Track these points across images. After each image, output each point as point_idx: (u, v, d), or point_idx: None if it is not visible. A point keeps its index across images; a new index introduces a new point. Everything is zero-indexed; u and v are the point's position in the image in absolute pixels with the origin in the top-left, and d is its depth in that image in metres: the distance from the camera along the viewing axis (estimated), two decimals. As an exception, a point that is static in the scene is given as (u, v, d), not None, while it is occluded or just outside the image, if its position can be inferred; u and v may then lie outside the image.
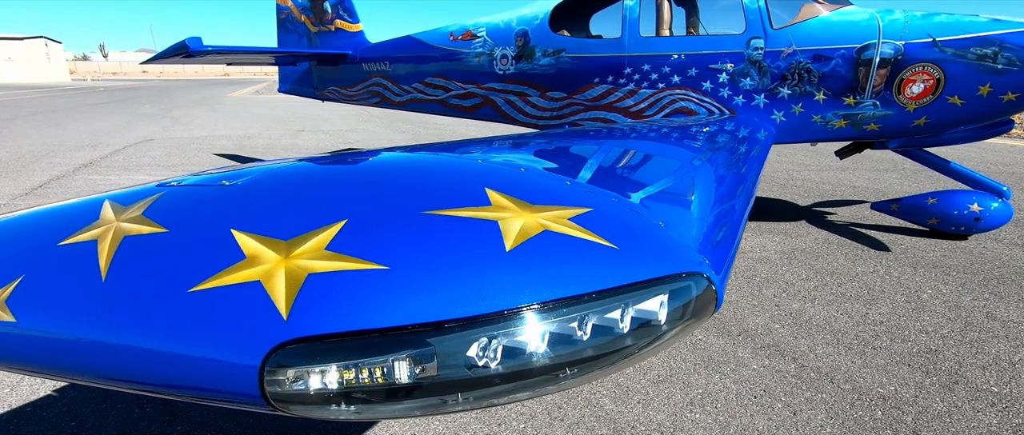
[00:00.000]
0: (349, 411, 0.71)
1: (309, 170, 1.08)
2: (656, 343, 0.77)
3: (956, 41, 3.61)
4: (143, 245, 0.82)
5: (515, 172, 1.11)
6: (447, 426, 2.19)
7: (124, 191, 1.02)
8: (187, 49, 4.72)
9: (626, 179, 1.31)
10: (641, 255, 0.80)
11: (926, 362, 2.65)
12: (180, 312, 0.72)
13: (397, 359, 0.69)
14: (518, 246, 0.76)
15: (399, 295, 0.70)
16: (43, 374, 0.80)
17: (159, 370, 0.72)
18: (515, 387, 0.72)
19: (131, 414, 2.28)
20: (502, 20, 5.07)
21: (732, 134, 2.80)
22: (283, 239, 0.78)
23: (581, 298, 0.72)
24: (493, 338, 0.69)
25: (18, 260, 0.85)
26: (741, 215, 1.17)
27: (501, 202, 0.86)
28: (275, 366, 0.68)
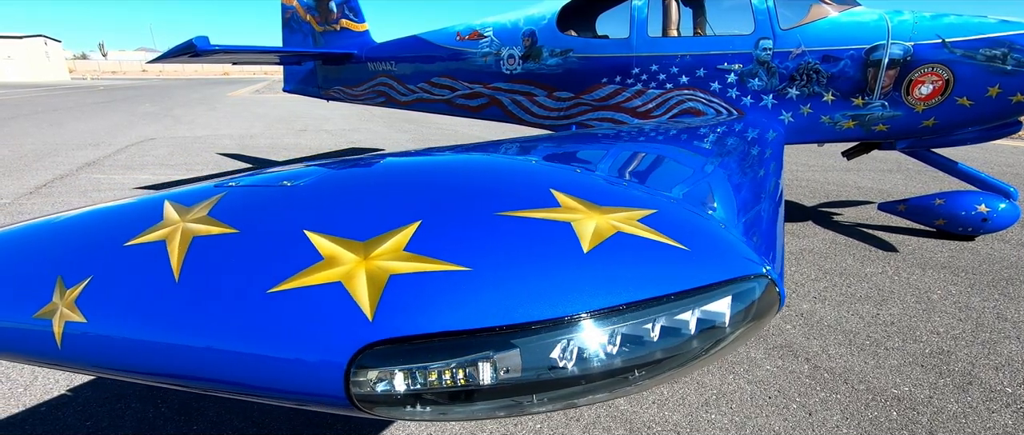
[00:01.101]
0: (426, 412, 0.71)
1: (371, 171, 1.08)
2: (721, 346, 0.77)
3: (965, 42, 3.62)
4: (214, 246, 0.82)
5: (575, 173, 1.11)
6: (464, 425, 2.19)
7: (181, 191, 1.02)
8: (194, 48, 4.72)
9: (674, 180, 1.31)
10: (710, 257, 0.80)
11: (939, 363, 2.65)
12: (259, 313, 0.72)
13: (482, 360, 0.69)
14: (595, 248, 0.76)
15: (483, 296, 0.70)
16: (114, 374, 0.79)
17: (237, 370, 0.72)
18: (588, 389, 0.72)
19: (146, 414, 2.28)
20: (509, 20, 5.06)
21: (752, 135, 2.81)
22: (359, 240, 0.78)
23: (660, 300, 0.72)
24: (573, 340, 0.69)
25: (84, 260, 0.84)
26: (779, 214, 1.17)
27: (569, 203, 0.86)
28: (361, 367, 0.68)
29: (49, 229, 0.96)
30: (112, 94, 27.00)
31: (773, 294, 0.82)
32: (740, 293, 0.77)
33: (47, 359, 0.81)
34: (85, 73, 69.21)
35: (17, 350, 0.82)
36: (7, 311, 0.83)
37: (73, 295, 0.79)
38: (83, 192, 6.24)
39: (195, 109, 18.18)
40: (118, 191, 6.32)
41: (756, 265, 0.82)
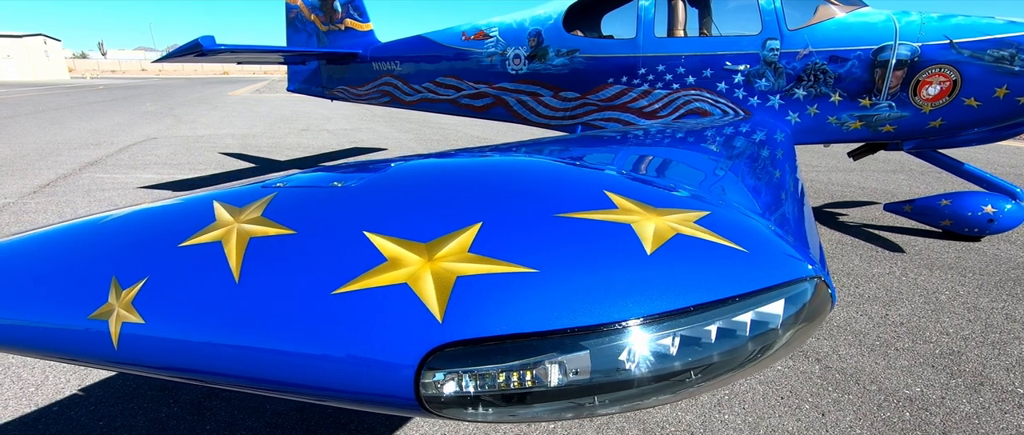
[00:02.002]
0: (490, 413, 0.71)
1: (422, 172, 1.08)
2: (774, 349, 0.77)
3: (973, 43, 3.62)
4: (272, 246, 0.81)
5: (624, 174, 1.10)
6: (476, 426, 2.19)
7: (229, 191, 1.01)
8: (200, 48, 4.71)
9: (715, 181, 1.30)
10: (767, 259, 0.80)
11: (950, 363, 2.65)
12: (325, 314, 0.72)
13: (551, 362, 0.68)
14: (658, 249, 0.76)
15: (551, 298, 0.70)
16: (170, 375, 0.79)
17: (301, 372, 0.71)
18: (650, 391, 0.72)
19: (159, 414, 2.28)
20: (515, 20, 5.06)
21: (766, 136, 2.81)
22: (422, 242, 0.78)
23: (724, 303, 0.72)
24: (640, 342, 0.69)
25: (139, 261, 0.84)
26: (809, 213, 1.17)
27: (626, 205, 0.86)
28: (431, 369, 0.68)
29: (97, 229, 0.96)
30: (112, 93, 26.97)
31: (825, 295, 0.82)
32: (793, 296, 0.77)
33: (102, 360, 0.80)
34: (85, 72, 69.16)
35: (72, 352, 0.82)
36: (61, 312, 0.82)
37: (129, 296, 0.79)
38: (87, 192, 6.24)
39: (196, 109, 18.16)
40: (122, 191, 6.31)
41: (808, 267, 0.81)
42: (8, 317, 0.85)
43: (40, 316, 0.83)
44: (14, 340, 0.84)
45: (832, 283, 0.84)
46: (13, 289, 0.88)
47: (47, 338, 0.82)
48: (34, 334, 0.83)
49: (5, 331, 0.84)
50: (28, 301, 0.85)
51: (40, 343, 0.83)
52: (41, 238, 0.98)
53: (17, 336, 0.84)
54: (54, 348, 0.82)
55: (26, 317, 0.84)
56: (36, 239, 0.98)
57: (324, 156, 9.23)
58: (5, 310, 0.85)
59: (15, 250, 0.97)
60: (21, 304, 0.86)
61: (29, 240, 0.98)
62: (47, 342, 0.82)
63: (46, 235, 0.98)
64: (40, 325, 0.83)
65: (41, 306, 0.84)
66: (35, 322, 0.83)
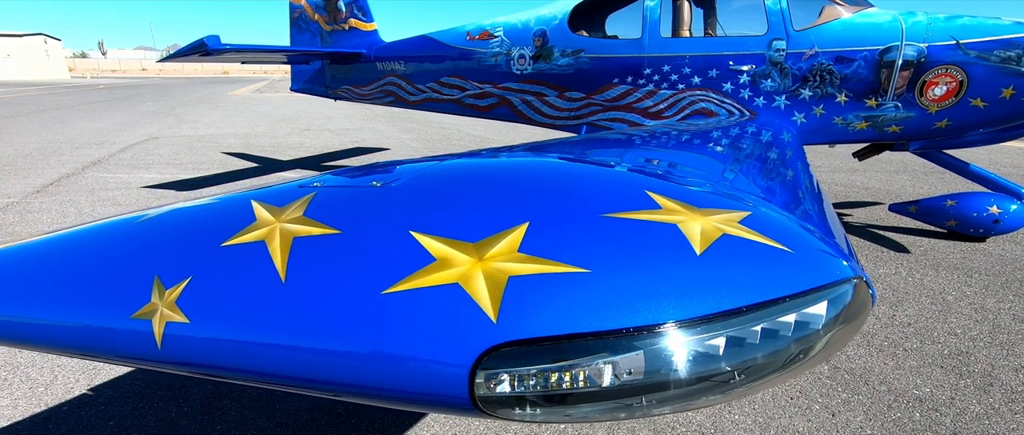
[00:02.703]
0: (541, 414, 0.70)
1: (462, 171, 1.08)
2: (817, 351, 0.76)
3: (979, 43, 3.62)
4: (318, 246, 0.81)
5: (663, 175, 1.10)
6: (489, 426, 2.19)
7: (266, 190, 1.01)
8: (206, 47, 4.71)
9: (748, 181, 1.30)
10: (812, 259, 0.80)
11: (958, 364, 2.65)
12: (375, 314, 0.72)
13: (605, 363, 0.68)
14: (707, 250, 0.76)
15: (605, 298, 0.70)
16: (213, 374, 0.79)
17: (351, 372, 0.71)
18: (699, 392, 0.72)
19: (169, 414, 2.27)
20: (520, 20, 5.06)
21: (778, 135, 2.81)
22: (470, 242, 0.78)
23: (774, 303, 0.72)
24: (693, 342, 0.69)
25: (181, 261, 0.84)
26: (833, 212, 1.17)
27: (669, 205, 0.86)
28: (486, 369, 0.68)
29: (135, 229, 0.95)
30: (113, 93, 26.96)
31: (866, 296, 0.82)
32: (836, 297, 0.77)
33: (144, 360, 0.80)
34: (85, 72, 69.13)
35: (114, 351, 0.82)
36: (103, 312, 0.82)
37: (173, 295, 0.79)
38: (90, 191, 6.24)
39: (197, 108, 18.16)
40: (125, 190, 6.31)
41: (849, 267, 0.81)
42: (48, 317, 0.85)
43: (81, 316, 0.83)
44: (54, 340, 0.84)
45: (872, 284, 0.84)
46: (52, 289, 0.88)
47: (88, 338, 0.82)
48: (75, 334, 0.83)
49: (44, 331, 0.84)
50: (68, 301, 0.85)
51: (81, 343, 0.82)
52: (76, 238, 0.97)
53: (56, 336, 0.84)
54: (95, 348, 0.82)
55: (66, 317, 0.84)
56: (71, 239, 0.97)
57: (327, 156, 9.23)
58: (44, 311, 0.85)
59: (50, 250, 0.96)
60: (60, 304, 0.85)
61: (62, 240, 0.98)
62: (88, 342, 0.82)
63: (81, 235, 0.98)
64: (81, 325, 0.83)
65: (82, 306, 0.84)
66: (76, 322, 0.83)
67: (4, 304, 0.87)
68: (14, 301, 0.87)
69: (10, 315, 0.86)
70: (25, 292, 0.89)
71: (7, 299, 0.88)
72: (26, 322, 0.85)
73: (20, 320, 0.86)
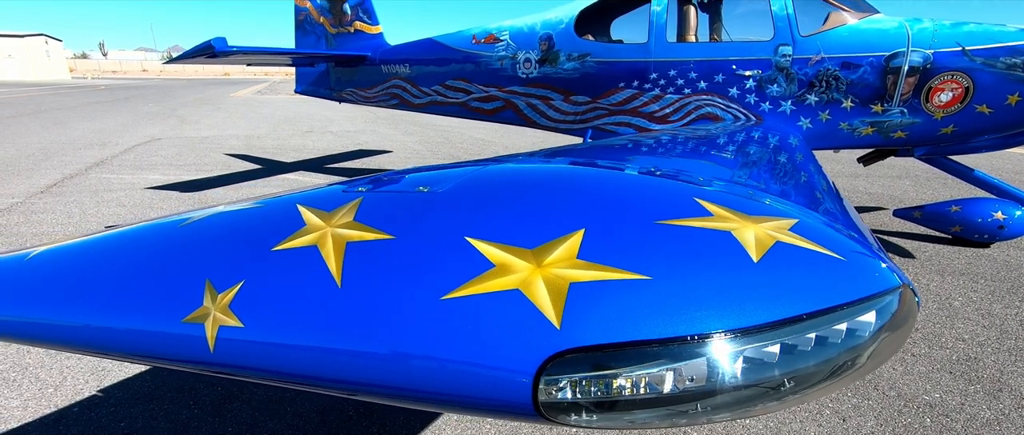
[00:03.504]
0: (597, 420, 0.70)
1: (511, 177, 1.08)
2: (870, 359, 0.77)
3: (985, 50, 3.64)
4: (372, 251, 0.81)
5: (709, 182, 1.11)
6: (501, 427, 2.19)
7: (309, 194, 1.01)
8: (212, 49, 4.72)
9: (785, 187, 1.31)
10: (862, 267, 0.80)
11: (967, 370, 2.66)
12: (435, 320, 0.72)
13: (668, 369, 0.69)
14: (763, 257, 0.76)
15: (667, 305, 0.70)
16: (265, 379, 0.78)
17: (411, 377, 0.71)
18: (752, 399, 0.72)
19: (180, 415, 2.27)
20: (525, 24, 5.08)
21: (790, 142, 2.83)
22: (528, 248, 0.78)
23: (829, 311, 0.73)
24: (752, 350, 0.70)
25: (232, 264, 0.84)
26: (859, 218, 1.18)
27: (720, 212, 0.86)
28: (550, 375, 0.68)
29: (179, 233, 0.95)
30: (114, 94, 26.97)
31: (912, 304, 0.82)
32: (884, 305, 0.78)
33: (196, 364, 0.80)
34: (85, 72, 69.15)
35: (164, 355, 0.82)
36: (154, 316, 0.82)
37: (226, 299, 0.79)
38: (94, 192, 6.23)
39: (199, 110, 18.17)
40: (129, 191, 6.31)
41: (896, 275, 0.82)
42: (94, 321, 0.85)
43: (130, 320, 0.83)
44: (101, 343, 0.84)
45: (917, 291, 0.85)
46: (99, 293, 0.88)
47: (138, 342, 0.82)
48: (124, 338, 0.82)
49: (90, 334, 0.84)
50: (116, 305, 0.85)
51: (130, 347, 0.82)
52: (120, 241, 0.97)
53: (103, 340, 0.84)
54: (145, 352, 0.82)
55: (114, 321, 0.84)
56: (115, 241, 0.97)
57: (329, 158, 9.24)
58: (91, 314, 0.85)
59: (94, 253, 0.96)
60: (108, 308, 0.85)
61: (106, 242, 0.98)
62: (138, 346, 0.82)
63: (125, 238, 0.98)
64: (130, 329, 0.83)
65: (131, 310, 0.84)
66: (124, 326, 0.83)
67: (49, 307, 0.87)
68: (59, 304, 0.87)
69: (56, 318, 0.86)
70: (70, 295, 0.89)
71: (52, 302, 0.88)
72: (72, 325, 0.85)
73: (66, 323, 0.86)
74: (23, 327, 0.88)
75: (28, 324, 0.87)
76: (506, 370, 0.68)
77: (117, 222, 5.05)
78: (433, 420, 2.25)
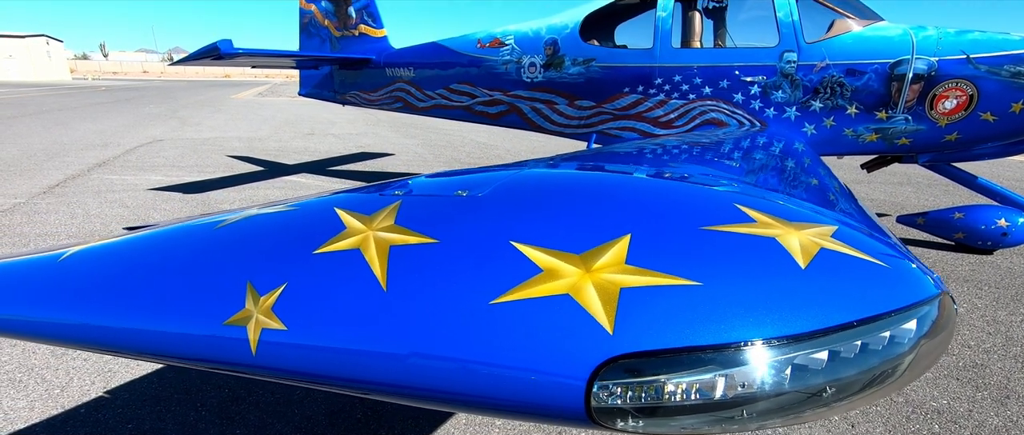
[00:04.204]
0: (639, 425, 0.70)
1: (550, 182, 1.08)
2: (913, 367, 0.76)
3: (990, 58, 3.66)
4: (417, 255, 0.81)
5: (747, 188, 1.11)
6: (512, 427, 2.18)
7: (347, 197, 1.01)
8: (218, 51, 4.73)
9: (819, 194, 1.31)
10: (904, 275, 0.80)
11: (974, 376, 2.66)
12: (485, 324, 0.72)
13: (719, 375, 0.68)
14: (810, 264, 0.76)
15: (719, 311, 0.70)
16: (308, 382, 0.78)
17: (459, 382, 0.71)
18: (799, 406, 0.72)
19: (187, 417, 2.26)
20: (531, 28, 5.09)
21: (796, 146, 2.83)
22: (575, 253, 0.78)
23: (876, 318, 0.72)
24: (802, 356, 0.70)
25: (273, 267, 0.84)
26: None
27: (763, 219, 0.86)
28: (603, 381, 0.68)
29: (214, 235, 0.95)
30: (115, 95, 26.98)
31: (951, 311, 0.82)
32: (925, 313, 0.77)
33: (237, 366, 0.80)
34: (86, 73, 69.19)
35: (206, 357, 0.81)
36: (195, 319, 0.82)
37: (268, 302, 0.79)
38: (97, 192, 6.23)
39: (200, 111, 18.18)
40: (133, 192, 6.30)
41: (935, 283, 0.82)
42: (131, 323, 0.84)
43: (169, 323, 0.83)
44: (138, 345, 0.84)
45: (955, 299, 0.85)
46: (136, 294, 0.87)
47: (177, 344, 0.82)
48: (163, 340, 0.82)
49: (127, 336, 0.84)
50: (154, 307, 0.85)
51: (169, 349, 0.82)
52: (155, 242, 0.97)
53: (141, 341, 0.83)
54: (184, 354, 0.81)
55: (152, 323, 0.84)
56: (149, 243, 0.97)
57: (332, 160, 9.25)
58: (128, 316, 0.85)
59: (129, 254, 0.96)
60: (146, 310, 0.85)
61: (140, 243, 0.98)
62: (178, 348, 0.82)
63: (159, 239, 0.98)
64: (169, 331, 0.83)
65: (170, 312, 0.84)
66: (163, 328, 0.83)
67: (86, 309, 0.87)
68: (97, 306, 0.87)
69: (93, 320, 0.86)
70: (108, 297, 0.88)
71: (89, 304, 0.87)
72: (110, 328, 0.85)
73: (104, 325, 0.85)
74: (58, 328, 0.87)
75: (63, 325, 0.87)
76: (558, 375, 0.68)
77: (134, 224, 5.04)
78: (442, 423, 2.25)
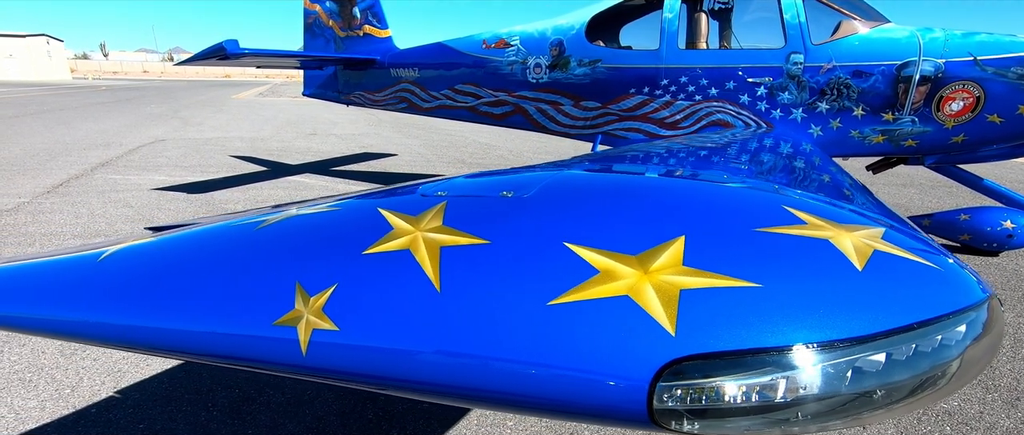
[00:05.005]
0: (693, 427, 0.70)
1: (596, 183, 1.08)
2: (960, 372, 0.76)
3: (997, 60, 3.66)
4: (469, 256, 0.81)
5: (792, 190, 1.10)
6: (527, 428, 2.18)
7: (388, 198, 1.01)
8: (224, 51, 4.73)
9: (852, 194, 1.31)
10: (954, 277, 0.80)
11: (984, 378, 2.66)
12: (543, 326, 0.71)
13: (782, 378, 0.68)
14: (866, 266, 0.76)
15: (780, 313, 0.70)
16: (357, 383, 0.77)
17: (517, 383, 0.71)
18: (857, 409, 0.71)
19: (198, 417, 2.26)
20: (536, 29, 5.09)
21: (804, 147, 2.83)
22: (631, 254, 0.77)
23: (934, 321, 0.72)
24: (862, 359, 0.69)
25: (322, 267, 0.84)
26: None
27: (813, 221, 0.85)
28: (665, 383, 0.67)
29: (256, 235, 0.94)
30: (116, 94, 26.97)
31: (999, 314, 0.82)
32: (975, 317, 0.77)
33: (286, 367, 0.80)
34: (86, 73, 69.15)
35: (255, 358, 0.81)
36: (244, 319, 0.82)
37: (319, 302, 0.78)
38: (101, 192, 6.22)
39: (202, 111, 18.17)
40: (137, 192, 6.30)
41: (982, 286, 0.81)
42: (177, 324, 0.84)
43: (217, 323, 0.83)
44: (185, 346, 0.83)
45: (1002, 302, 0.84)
46: (181, 295, 0.87)
47: (226, 345, 0.82)
48: (210, 340, 0.82)
49: (174, 337, 0.83)
50: (200, 307, 0.84)
51: (219, 349, 0.82)
52: (195, 242, 0.97)
53: (187, 342, 0.83)
54: (233, 354, 0.81)
55: (199, 324, 0.84)
56: (190, 243, 0.97)
57: (336, 160, 9.24)
58: (173, 317, 0.84)
59: (170, 254, 0.96)
60: (192, 310, 0.84)
61: (180, 244, 0.97)
62: (226, 348, 0.82)
63: (199, 240, 0.98)
64: (217, 332, 0.82)
65: (217, 313, 0.84)
66: (211, 329, 0.83)
67: (130, 310, 0.86)
68: (142, 307, 0.87)
69: (137, 321, 0.85)
70: (152, 298, 0.88)
71: (133, 304, 0.87)
72: (154, 328, 0.85)
73: (149, 326, 0.85)
74: (99, 329, 0.87)
75: (106, 326, 0.87)
76: (621, 377, 0.68)
77: (139, 224, 5.04)
78: (454, 423, 2.25)
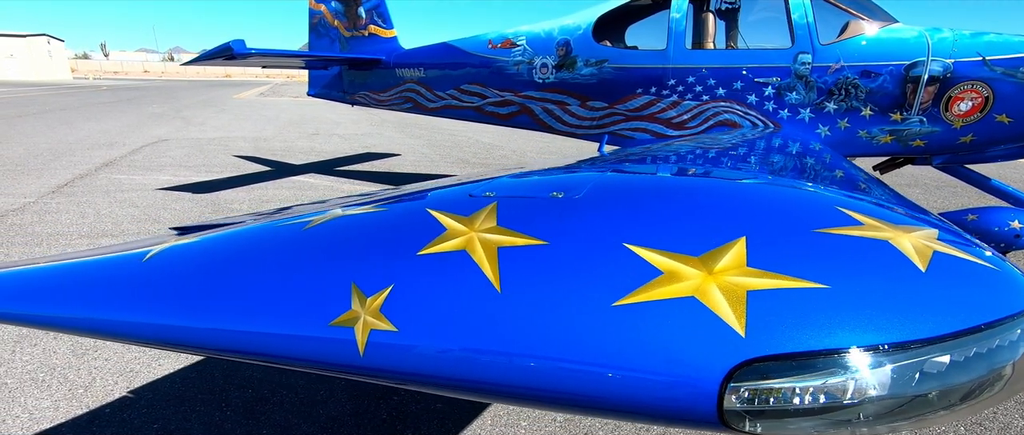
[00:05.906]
0: (755, 428, 0.69)
1: (645, 184, 1.07)
2: (1015, 379, 0.74)
3: (1006, 60, 3.66)
4: (528, 257, 0.80)
5: (843, 191, 1.10)
6: (541, 428, 2.18)
7: (436, 199, 1.01)
8: (231, 51, 4.72)
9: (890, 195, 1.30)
10: (1011, 279, 0.79)
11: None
12: (610, 326, 0.71)
13: (851, 379, 0.68)
14: (929, 267, 0.75)
15: (848, 314, 0.70)
16: (416, 384, 0.77)
17: (580, 384, 0.70)
18: (920, 410, 0.71)
19: (213, 417, 2.26)
20: (543, 29, 5.09)
21: (813, 146, 2.83)
22: (694, 255, 0.77)
23: (998, 323, 0.71)
24: (930, 361, 0.69)
25: (377, 268, 0.84)
26: None
27: (870, 222, 0.85)
28: (735, 384, 0.67)
29: (305, 237, 0.94)
30: (117, 94, 26.98)
31: None
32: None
33: (342, 368, 0.80)
34: (87, 73, 69.16)
35: (311, 359, 0.81)
36: (299, 320, 0.81)
37: (376, 303, 0.78)
38: (106, 192, 6.22)
39: (204, 111, 18.17)
40: (142, 192, 6.30)
41: None
42: (234, 325, 0.84)
43: (273, 324, 0.83)
44: (241, 347, 0.83)
45: None
46: (233, 296, 0.87)
47: (282, 345, 0.81)
48: (266, 341, 0.82)
49: (228, 338, 0.83)
50: (254, 309, 0.84)
51: (274, 350, 0.82)
52: (243, 244, 0.96)
53: (244, 343, 0.82)
54: (289, 355, 0.81)
55: (254, 325, 0.84)
56: (237, 244, 0.97)
57: (339, 160, 9.24)
58: (229, 318, 0.84)
59: (218, 255, 0.95)
60: (247, 312, 0.85)
61: (227, 245, 0.97)
62: (282, 349, 0.81)
63: (247, 241, 0.97)
64: (272, 333, 0.82)
65: (273, 314, 0.83)
66: (268, 330, 0.83)
67: (179, 310, 0.86)
68: (193, 308, 0.86)
69: (188, 322, 0.85)
70: (203, 298, 0.87)
71: (183, 305, 0.87)
72: (207, 329, 0.84)
73: (201, 327, 0.85)
74: (148, 329, 0.87)
75: (154, 326, 0.86)
76: (691, 378, 0.67)
77: (145, 223, 5.04)
78: (467, 423, 2.25)
